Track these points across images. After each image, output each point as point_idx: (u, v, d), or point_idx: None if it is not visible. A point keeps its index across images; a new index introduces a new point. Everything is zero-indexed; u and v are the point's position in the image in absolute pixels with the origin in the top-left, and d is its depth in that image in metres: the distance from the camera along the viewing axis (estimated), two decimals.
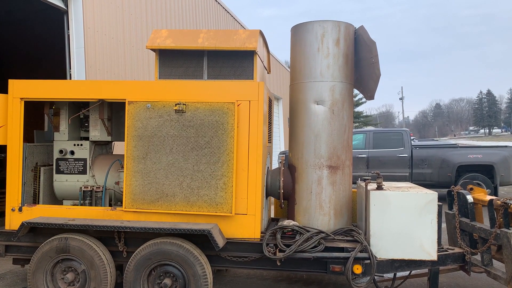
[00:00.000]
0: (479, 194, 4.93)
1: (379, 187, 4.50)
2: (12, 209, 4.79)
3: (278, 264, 4.34)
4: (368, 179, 4.72)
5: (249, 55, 4.66)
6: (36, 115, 6.41)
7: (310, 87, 4.83)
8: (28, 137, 5.68)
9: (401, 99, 65.41)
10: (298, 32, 4.99)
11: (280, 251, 4.29)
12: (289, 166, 5.06)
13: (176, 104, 4.46)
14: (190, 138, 4.47)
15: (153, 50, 4.77)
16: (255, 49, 4.54)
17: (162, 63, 4.78)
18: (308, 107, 4.84)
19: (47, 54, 11.13)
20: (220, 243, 4.21)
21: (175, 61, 4.77)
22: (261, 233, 4.54)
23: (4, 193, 4.79)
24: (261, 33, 4.93)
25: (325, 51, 4.80)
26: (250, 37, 4.63)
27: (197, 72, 4.74)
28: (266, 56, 5.62)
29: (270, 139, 5.31)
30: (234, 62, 4.69)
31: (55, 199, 5.28)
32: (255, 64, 4.66)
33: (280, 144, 21.76)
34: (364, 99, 43.90)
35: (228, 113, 4.42)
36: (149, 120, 4.53)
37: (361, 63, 5.01)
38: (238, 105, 4.45)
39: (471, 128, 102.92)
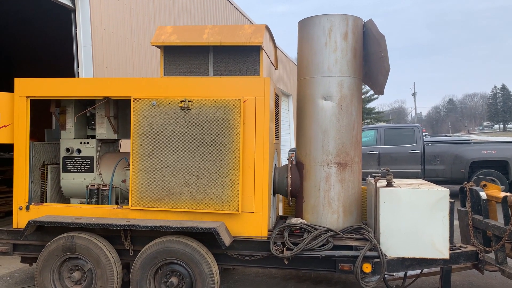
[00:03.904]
0: (492, 191, 4.80)
1: (389, 184, 4.40)
2: (19, 208, 4.79)
3: (286, 262, 4.27)
4: (377, 176, 4.62)
5: (255, 50, 4.58)
6: (47, 114, 6.42)
7: (318, 83, 4.74)
8: (39, 136, 5.69)
9: (413, 94, 64.77)
10: (305, 26, 4.90)
11: (288, 249, 4.22)
12: (297, 163, 4.98)
13: (181, 101, 4.41)
14: (196, 136, 4.41)
15: (158, 46, 4.72)
16: (261, 44, 4.46)
17: (167, 60, 4.73)
18: (315, 102, 4.75)
19: (56, 53, 11.17)
20: (227, 241, 4.15)
21: (180, 57, 4.72)
22: (269, 231, 4.47)
23: (8, 192, 4.80)
24: (267, 28, 4.85)
25: (333, 45, 4.70)
26: (256, 32, 4.56)
27: (203, 68, 4.68)
28: (273, 51, 5.54)
29: (277, 136, 5.23)
30: (240, 58, 4.62)
31: (63, 198, 5.27)
32: (261, 60, 4.58)
33: (290, 141, 21.66)
34: (376, 95, 43.52)
35: (234, 110, 4.36)
36: (154, 118, 4.49)
37: (369, 57, 4.90)
38: (244, 102, 4.38)
39: (485, 123, 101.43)
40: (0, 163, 9.23)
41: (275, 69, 5.77)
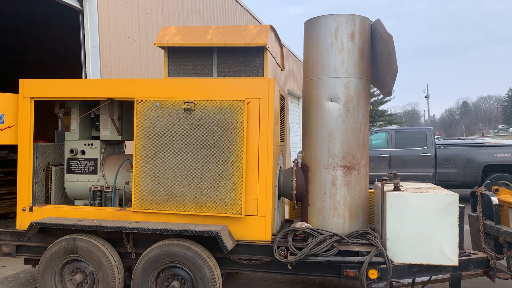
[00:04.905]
0: (505, 196, 4.64)
1: (396, 188, 4.28)
2: (22, 209, 4.78)
3: (289, 268, 4.17)
4: (385, 180, 4.50)
5: (259, 51, 4.50)
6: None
7: (324, 84, 4.65)
8: (49, 137, 5.68)
9: (426, 97, 64.08)
10: (311, 26, 4.81)
11: (292, 254, 4.13)
12: (302, 165, 4.88)
13: (184, 103, 4.35)
14: (199, 137, 4.35)
15: (162, 47, 4.67)
16: (265, 44, 4.38)
17: (171, 61, 4.68)
18: (321, 104, 4.65)
19: (65, 54, 11.23)
20: (229, 245, 4.08)
21: (184, 58, 4.66)
22: (273, 235, 4.39)
23: (9, 193, 4.79)
24: (272, 28, 4.77)
25: (339, 46, 4.60)
26: (260, 33, 4.48)
27: (207, 69, 4.62)
28: (279, 52, 5.45)
29: (282, 138, 5.14)
30: (244, 58, 4.55)
31: (67, 199, 5.25)
32: (265, 61, 4.50)
33: (300, 143, 21.52)
34: (388, 97, 43.05)
35: (238, 111, 4.29)
36: (157, 119, 4.44)
37: (377, 58, 4.79)
38: (247, 103, 4.31)
39: (500, 126, 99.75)
40: (10, 164, 9.31)
41: (281, 70, 5.69)
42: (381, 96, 42.45)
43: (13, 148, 8.77)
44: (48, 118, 7.43)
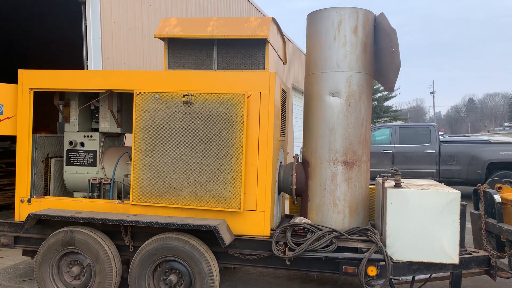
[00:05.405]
0: (508, 194, 4.58)
1: (397, 185, 4.23)
2: (21, 200, 4.76)
3: (287, 263, 4.14)
4: (386, 176, 4.45)
5: (261, 43, 4.44)
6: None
7: (326, 78, 4.58)
8: (52, 128, 5.66)
9: (432, 93, 63.66)
10: (313, 19, 4.74)
11: (290, 249, 4.09)
12: (303, 161, 4.83)
13: (184, 95, 4.30)
14: (198, 131, 4.30)
15: (162, 39, 4.62)
16: (267, 37, 4.32)
17: (171, 53, 4.62)
18: (323, 99, 4.59)
19: (67, 46, 11.18)
20: (227, 239, 4.04)
21: (184, 50, 4.60)
22: (272, 230, 4.35)
23: (11, 184, 4.78)
24: (274, 21, 4.70)
25: (342, 40, 4.53)
26: (262, 25, 4.41)
27: (207, 62, 4.56)
28: (282, 45, 5.38)
29: (283, 133, 5.09)
30: (245, 51, 4.49)
31: (66, 191, 5.24)
32: (266, 54, 4.44)
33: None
34: (393, 93, 42.76)
35: (237, 105, 4.23)
36: (156, 112, 4.39)
37: (380, 53, 4.72)
38: (248, 97, 4.25)
39: (506, 123, 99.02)
40: (12, 155, 9.32)
41: (283, 63, 5.62)
42: (386, 92, 42.17)
43: (15, 139, 8.81)
44: (51, 110, 7.42)
